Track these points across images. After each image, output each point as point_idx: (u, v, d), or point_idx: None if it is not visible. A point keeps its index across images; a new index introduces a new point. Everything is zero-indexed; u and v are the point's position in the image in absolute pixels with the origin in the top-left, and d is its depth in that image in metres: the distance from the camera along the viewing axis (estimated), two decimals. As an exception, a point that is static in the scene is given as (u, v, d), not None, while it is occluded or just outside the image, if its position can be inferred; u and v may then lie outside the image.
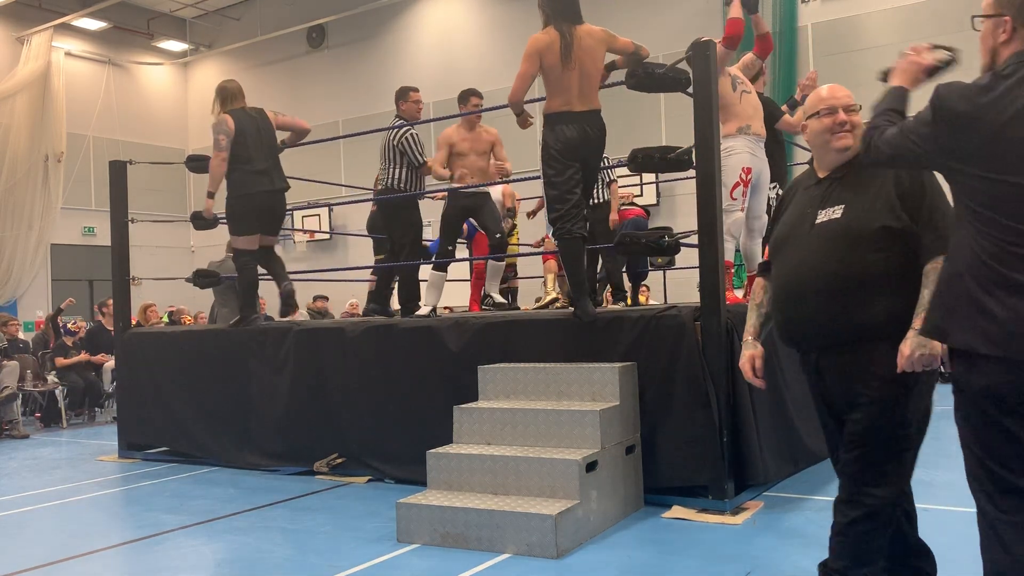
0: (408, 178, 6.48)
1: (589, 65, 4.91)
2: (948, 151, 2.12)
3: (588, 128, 4.92)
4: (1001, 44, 2.16)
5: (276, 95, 19.22)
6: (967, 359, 2.15)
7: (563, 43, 4.85)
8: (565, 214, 4.88)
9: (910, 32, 13.00)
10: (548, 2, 4.98)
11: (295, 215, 17.38)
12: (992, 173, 2.03)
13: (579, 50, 4.87)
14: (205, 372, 6.66)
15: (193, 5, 19.47)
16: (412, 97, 6.64)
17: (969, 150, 2.06)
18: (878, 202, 2.58)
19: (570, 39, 4.86)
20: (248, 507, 5.07)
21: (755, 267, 5.98)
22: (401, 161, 6.44)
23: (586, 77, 4.90)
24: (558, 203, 4.92)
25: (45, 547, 4.38)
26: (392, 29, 17.76)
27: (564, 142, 4.88)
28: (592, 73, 4.93)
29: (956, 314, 2.13)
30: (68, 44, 18.05)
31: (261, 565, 3.91)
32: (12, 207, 16.92)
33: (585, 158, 4.95)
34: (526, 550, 3.83)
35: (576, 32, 4.90)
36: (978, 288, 2.06)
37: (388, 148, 6.46)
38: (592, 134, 4.95)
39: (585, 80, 4.90)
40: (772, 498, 4.65)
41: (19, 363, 9.55)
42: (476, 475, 4.27)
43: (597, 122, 4.99)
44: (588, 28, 4.96)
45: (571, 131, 4.87)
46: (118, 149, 17.40)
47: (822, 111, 2.72)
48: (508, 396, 4.80)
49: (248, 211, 6.29)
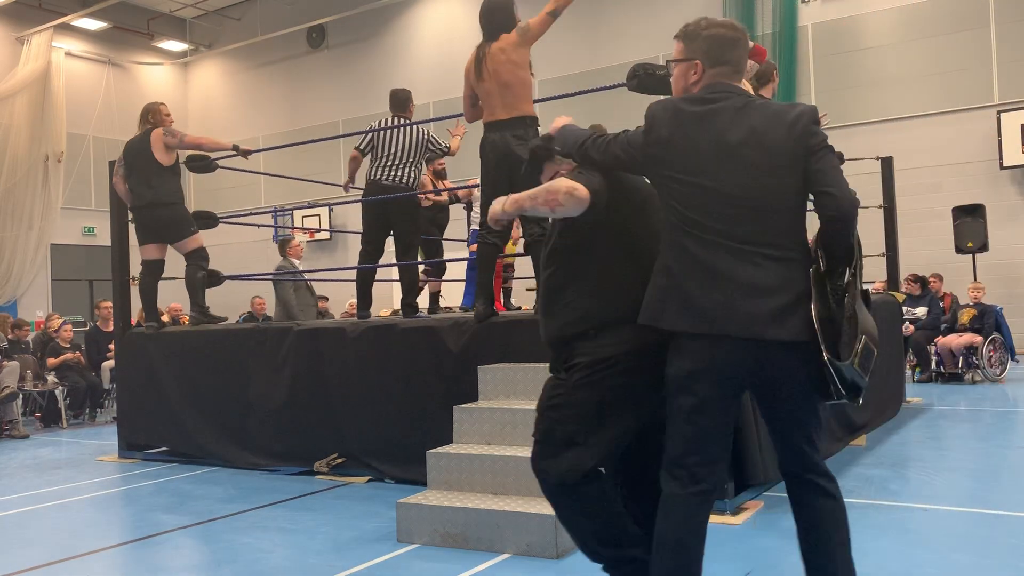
0: (418, 178, 6.71)
1: (505, 75, 5.15)
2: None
3: (510, 135, 5.15)
4: (692, 84, 2.53)
5: (276, 95, 19.23)
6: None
7: (476, 59, 5.27)
8: (483, 222, 5.18)
9: (910, 32, 13.01)
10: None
11: (295, 215, 17.39)
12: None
13: (491, 63, 5.18)
14: (205, 372, 6.66)
15: (193, 5, 19.47)
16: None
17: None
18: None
19: (482, 54, 5.24)
20: (248, 507, 5.07)
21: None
22: (419, 161, 6.63)
23: (505, 87, 5.16)
24: (484, 209, 5.30)
25: (45, 547, 4.38)
26: (392, 29, 17.76)
27: (487, 150, 5.23)
28: (511, 82, 5.16)
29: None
30: (68, 44, 18.06)
31: (261, 565, 3.91)
32: (12, 207, 16.92)
33: (512, 166, 5.10)
34: (526, 550, 3.83)
35: (489, 48, 5.22)
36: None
37: (413, 148, 6.54)
38: (513, 141, 5.14)
39: (505, 90, 5.16)
40: (772, 498, 4.65)
41: (19, 363, 9.56)
42: (476, 475, 4.27)
43: (519, 131, 5.16)
44: (500, 41, 5.21)
45: (493, 139, 5.19)
46: (118, 149, 17.28)
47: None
48: (508, 396, 4.79)
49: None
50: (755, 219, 2.36)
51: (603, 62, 14.94)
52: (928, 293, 10.63)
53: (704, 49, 2.50)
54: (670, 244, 2.44)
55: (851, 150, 11.04)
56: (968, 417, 7.47)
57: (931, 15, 12.87)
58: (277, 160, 17.52)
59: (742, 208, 2.36)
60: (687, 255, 2.38)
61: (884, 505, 4.40)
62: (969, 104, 12.55)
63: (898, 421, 7.14)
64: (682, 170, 2.41)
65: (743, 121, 2.39)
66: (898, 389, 7.80)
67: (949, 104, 12.66)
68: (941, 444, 6.14)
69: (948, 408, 7.98)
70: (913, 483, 4.89)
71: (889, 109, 13.06)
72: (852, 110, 13.21)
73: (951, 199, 11.78)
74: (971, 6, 12.59)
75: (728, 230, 2.35)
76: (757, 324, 2.31)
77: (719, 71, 2.50)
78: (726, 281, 2.34)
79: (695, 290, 2.36)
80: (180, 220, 7.04)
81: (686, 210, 2.39)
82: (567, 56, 14.98)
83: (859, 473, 5.13)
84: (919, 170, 12.25)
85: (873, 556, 3.58)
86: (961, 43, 12.64)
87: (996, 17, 12.43)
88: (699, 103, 2.44)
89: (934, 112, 12.73)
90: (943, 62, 12.73)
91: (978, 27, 12.52)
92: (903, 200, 9.94)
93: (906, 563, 3.49)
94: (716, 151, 2.38)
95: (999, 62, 12.41)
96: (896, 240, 8.66)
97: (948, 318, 10.31)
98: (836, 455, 5.62)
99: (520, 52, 5.17)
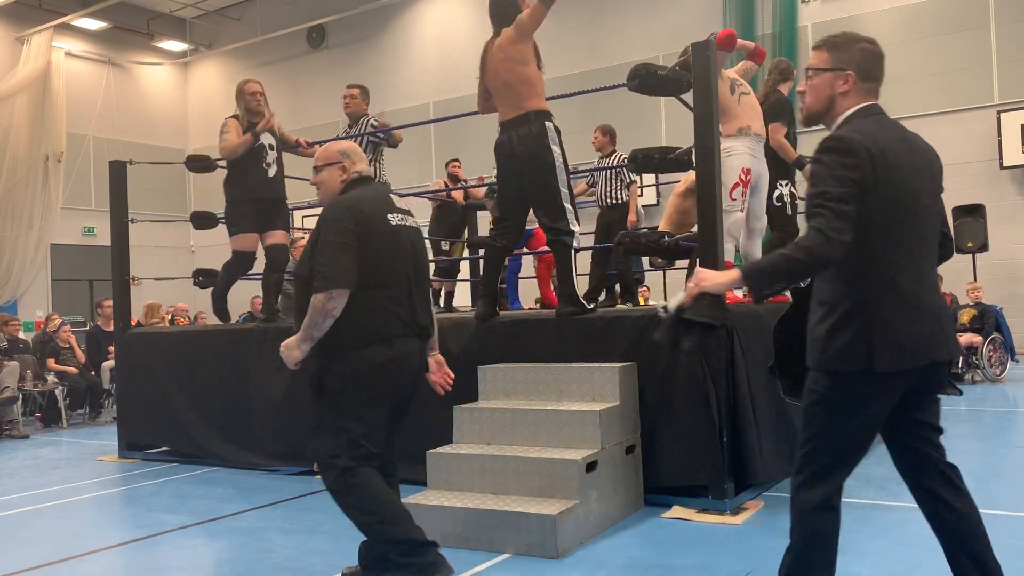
0: (380, 173, 7.17)
1: (504, 74, 4.97)
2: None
3: (515, 135, 4.97)
4: (839, 95, 2.48)
5: (276, 95, 19.16)
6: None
7: (482, 54, 5.13)
8: (496, 221, 5.31)
9: (910, 32, 13.01)
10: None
11: (295, 215, 17.36)
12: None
13: (491, 61, 5.02)
14: (205, 372, 6.66)
15: (193, 5, 19.47)
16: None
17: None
18: None
19: (485, 50, 5.10)
20: (248, 507, 5.07)
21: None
22: (376, 156, 7.03)
23: (506, 85, 4.98)
24: (498, 209, 5.32)
25: (45, 547, 4.38)
26: (392, 29, 17.76)
27: (497, 152, 5.11)
28: (511, 80, 4.96)
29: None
30: (68, 44, 18.06)
31: (261, 565, 3.91)
32: (12, 207, 16.93)
33: (519, 167, 5.00)
34: (526, 550, 3.83)
35: (491, 44, 5.07)
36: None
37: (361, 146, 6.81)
38: (516, 141, 4.96)
39: (507, 88, 4.99)
40: (772, 498, 4.65)
41: (19, 363, 9.55)
42: (476, 475, 4.27)
43: (523, 129, 4.95)
44: (500, 37, 5.02)
45: (500, 141, 5.08)
46: (118, 149, 17.40)
47: None
48: (508, 396, 4.79)
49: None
50: (931, 247, 2.48)
51: (603, 62, 14.93)
52: (928, 293, 10.62)
53: (858, 61, 2.46)
54: (871, 278, 2.35)
55: (851, 150, 11.07)
56: (968, 417, 7.47)
57: (931, 15, 12.87)
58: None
59: (929, 238, 2.46)
60: (894, 289, 2.35)
61: (884, 505, 4.40)
62: (969, 104, 12.55)
63: (898, 421, 7.13)
64: (896, 197, 2.36)
65: (916, 145, 2.47)
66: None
67: (949, 104, 12.66)
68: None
69: (948, 408, 7.98)
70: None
71: (889, 109, 12.63)
72: (852, 110, 13.22)
73: (951, 199, 11.68)
74: (971, 6, 12.59)
75: (926, 257, 2.44)
76: (952, 345, 2.45)
77: (870, 87, 2.48)
78: (931, 311, 2.39)
79: (906, 325, 2.34)
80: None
81: (897, 242, 2.37)
82: (567, 56, 14.97)
83: (859, 473, 5.07)
84: (919, 170, 12.25)
85: (873, 556, 3.58)
86: (961, 43, 12.64)
87: (996, 17, 12.43)
88: (892, 128, 2.45)
89: (934, 112, 12.72)
90: (943, 62, 12.72)
91: (978, 27, 12.52)
92: (903, 200, 9.94)
93: (906, 563, 3.49)
94: (916, 176, 2.42)
95: (999, 62, 12.41)
96: (896, 240, 8.65)
97: (948, 318, 10.30)
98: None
99: (518, 48, 4.90)
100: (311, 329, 3.12)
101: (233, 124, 6.43)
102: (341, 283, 3.09)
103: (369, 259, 3.18)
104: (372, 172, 3.74)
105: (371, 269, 3.19)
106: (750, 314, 4.96)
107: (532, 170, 4.95)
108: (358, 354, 3.19)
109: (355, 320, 3.16)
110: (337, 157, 3.39)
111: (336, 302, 3.09)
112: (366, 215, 3.21)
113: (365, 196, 3.30)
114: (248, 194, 6.39)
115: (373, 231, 3.21)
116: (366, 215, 3.21)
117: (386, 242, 3.25)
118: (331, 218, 3.18)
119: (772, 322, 5.10)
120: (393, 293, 3.26)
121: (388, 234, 3.26)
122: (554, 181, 4.93)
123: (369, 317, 3.20)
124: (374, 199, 3.32)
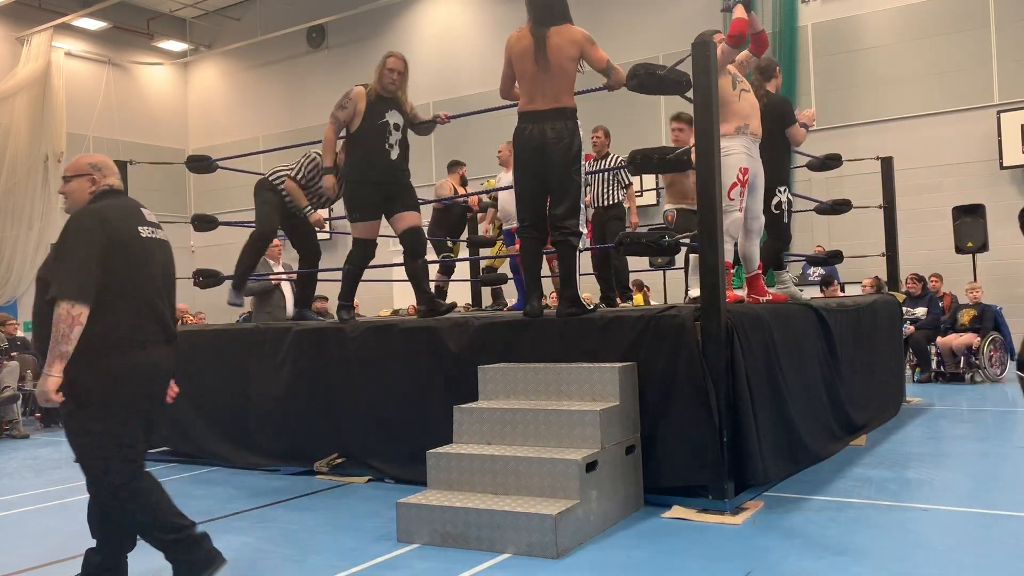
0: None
1: (564, 64, 5.00)
2: None
3: (548, 128, 4.97)
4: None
5: (276, 95, 19.22)
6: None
7: (534, 42, 5.05)
8: (521, 217, 5.21)
9: (910, 32, 13.01)
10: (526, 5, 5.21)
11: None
12: None
13: (551, 50, 5.00)
14: (205, 372, 6.66)
15: (193, 5, 19.46)
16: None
17: None
18: None
19: (540, 37, 5.05)
20: (248, 507, 5.07)
21: (753, 268, 5.98)
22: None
23: (561, 73, 5.00)
24: (518, 203, 5.23)
25: (45, 547, 4.38)
26: (392, 29, 17.75)
27: (521, 143, 5.05)
28: (562, 73, 5.00)
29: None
30: (68, 44, 18.05)
31: (261, 565, 3.91)
32: (12, 207, 16.92)
33: (545, 161, 4.98)
34: (526, 550, 3.83)
35: (547, 33, 5.04)
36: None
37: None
38: (550, 134, 4.96)
39: (554, 79, 5.00)
40: (772, 498, 4.65)
41: (19, 363, 9.56)
42: (476, 475, 4.27)
43: (556, 123, 4.97)
44: (563, 30, 5.04)
45: (530, 130, 5.01)
46: (118, 149, 17.40)
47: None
48: (508, 396, 4.80)
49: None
50: None
51: (603, 62, 14.91)
52: (927, 293, 10.63)
53: None
54: None
55: (851, 150, 11.07)
56: (968, 417, 7.47)
57: (931, 15, 12.86)
58: (277, 160, 17.49)
59: None
60: None
61: (884, 505, 4.39)
62: (969, 104, 12.54)
63: (898, 421, 7.14)
64: None
65: None
66: (898, 389, 7.80)
67: (949, 104, 12.66)
68: (941, 444, 6.14)
69: (948, 408, 7.98)
70: (913, 483, 4.88)
71: (889, 109, 13.05)
72: (852, 110, 13.21)
73: (951, 199, 11.76)
74: (971, 6, 12.58)
75: None
76: None
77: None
78: None
79: None
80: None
81: None
82: (567, 56, 14.97)
83: (859, 473, 5.13)
84: (919, 170, 12.24)
85: (873, 556, 3.58)
86: (961, 43, 12.63)
87: (996, 17, 12.42)
88: None
89: (934, 112, 12.72)
90: (943, 62, 12.72)
91: (978, 27, 12.51)
92: (903, 200, 9.94)
93: (906, 563, 3.49)
94: None
95: (999, 62, 12.40)
96: (896, 240, 8.67)
97: (948, 318, 10.31)
98: (836, 455, 5.62)
99: (582, 47, 5.05)
100: (60, 344, 3.05)
101: (358, 93, 5.87)
102: (81, 292, 3.09)
103: (120, 266, 3.21)
104: (123, 186, 3.69)
105: (123, 276, 3.22)
106: (750, 314, 4.96)
107: (563, 164, 4.99)
108: (114, 359, 3.20)
109: (109, 325, 3.18)
110: (87, 169, 3.40)
111: (79, 308, 3.08)
112: (113, 224, 3.23)
113: (113, 205, 3.34)
114: (373, 176, 5.91)
115: (122, 239, 3.24)
116: (113, 224, 3.23)
117: (138, 251, 3.28)
118: (76, 226, 3.19)
119: (772, 322, 5.12)
120: (147, 299, 3.31)
121: (138, 244, 3.30)
122: (579, 178, 5.02)
123: (123, 322, 3.22)
124: (123, 209, 3.36)
